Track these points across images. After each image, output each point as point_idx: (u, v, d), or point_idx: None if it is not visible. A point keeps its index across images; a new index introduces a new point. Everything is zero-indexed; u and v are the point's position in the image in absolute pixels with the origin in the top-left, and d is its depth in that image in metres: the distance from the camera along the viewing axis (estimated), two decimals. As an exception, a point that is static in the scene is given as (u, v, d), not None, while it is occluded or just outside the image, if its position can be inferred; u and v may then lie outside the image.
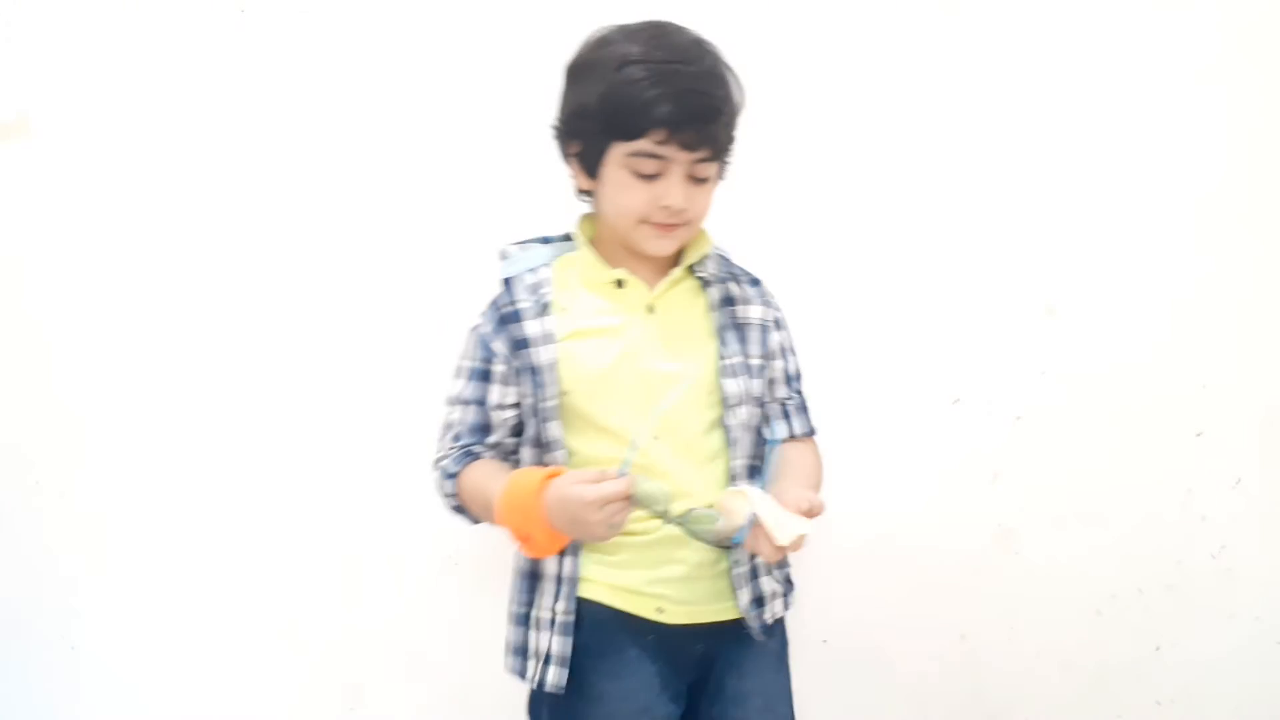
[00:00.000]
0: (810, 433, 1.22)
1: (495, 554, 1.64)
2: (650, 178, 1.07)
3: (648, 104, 1.03)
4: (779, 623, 1.20)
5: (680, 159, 1.06)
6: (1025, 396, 1.58)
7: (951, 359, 1.58)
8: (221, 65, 1.60)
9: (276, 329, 1.63)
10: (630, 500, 0.97)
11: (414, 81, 1.58)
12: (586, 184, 1.14)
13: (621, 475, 0.97)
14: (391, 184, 1.60)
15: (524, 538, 1.03)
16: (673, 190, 1.07)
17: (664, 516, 0.99)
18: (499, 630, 1.64)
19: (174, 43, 1.60)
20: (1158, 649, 1.62)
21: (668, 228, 1.10)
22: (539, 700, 1.15)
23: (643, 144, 1.05)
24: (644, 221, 1.10)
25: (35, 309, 1.66)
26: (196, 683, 1.69)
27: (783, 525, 0.96)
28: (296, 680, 1.68)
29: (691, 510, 1.01)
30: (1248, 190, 1.55)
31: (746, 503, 0.97)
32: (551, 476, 1.01)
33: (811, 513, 0.99)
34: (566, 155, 1.16)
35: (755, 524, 0.96)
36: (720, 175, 1.14)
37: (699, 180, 1.09)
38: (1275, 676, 1.61)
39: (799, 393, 1.23)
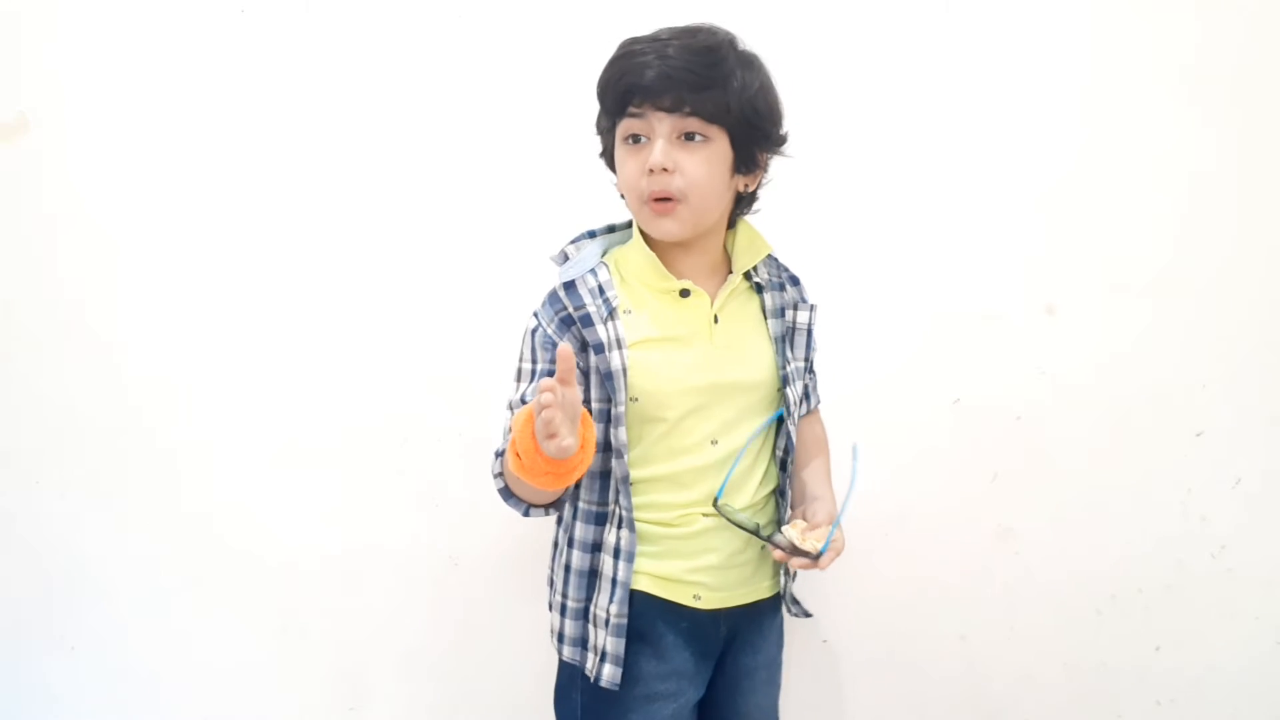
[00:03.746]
0: (818, 402, 1.34)
1: (495, 554, 1.65)
2: (638, 147, 1.11)
3: (627, 73, 1.08)
4: (781, 603, 1.28)
5: (662, 121, 1.09)
6: (1025, 396, 1.58)
7: (951, 359, 1.58)
8: (221, 65, 1.60)
9: (275, 330, 1.63)
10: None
11: (414, 81, 1.58)
12: (619, 183, 1.16)
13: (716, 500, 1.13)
14: (392, 184, 1.60)
15: (516, 456, 1.02)
16: (655, 151, 1.09)
17: (754, 533, 1.14)
18: (499, 630, 1.66)
19: (174, 43, 1.60)
20: (1158, 649, 1.62)
21: (662, 204, 1.11)
22: (571, 677, 1.19)
23: (629, 111, 1.10)
24: (643, 200, 1.12)
25: (34, 309, 1.66)
26: (196, 683, 1.69)
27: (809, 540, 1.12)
28: (297, 680, 1.68)
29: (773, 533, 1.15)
30: (1247, 190, 1.55)
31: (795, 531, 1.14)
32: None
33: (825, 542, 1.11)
34: (603, 157, 1.20)
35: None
36: (743, 164, 1.14)
37: (688, 143, 1.09)
38: (1275, 676, 1.62)
39: (813, 370, 1.31)
